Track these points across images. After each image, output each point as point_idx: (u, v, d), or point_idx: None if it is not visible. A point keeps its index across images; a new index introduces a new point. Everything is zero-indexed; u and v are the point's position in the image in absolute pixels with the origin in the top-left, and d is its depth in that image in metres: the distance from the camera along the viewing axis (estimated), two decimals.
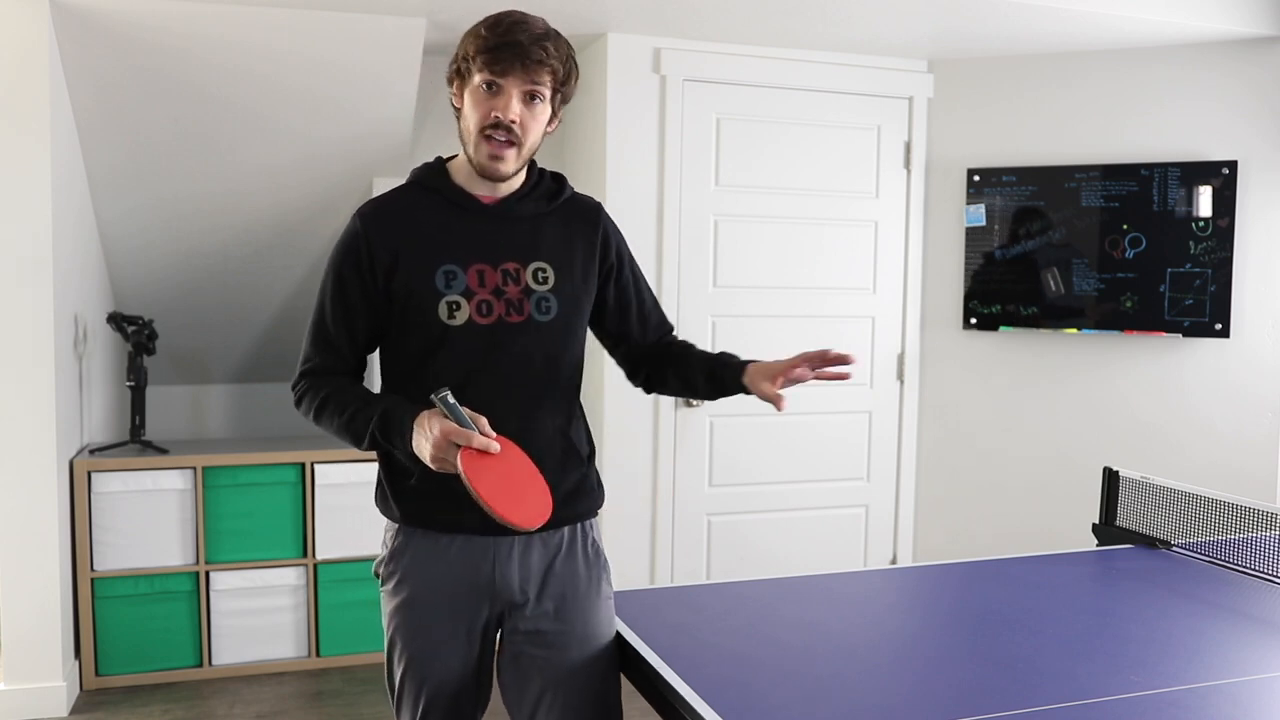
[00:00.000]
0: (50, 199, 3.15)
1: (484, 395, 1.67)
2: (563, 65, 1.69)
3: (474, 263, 1.71)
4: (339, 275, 1.73)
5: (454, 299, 1.69)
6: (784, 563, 3.92)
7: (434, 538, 1.74)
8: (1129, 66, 3.77)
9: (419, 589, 1.75)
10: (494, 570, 1.73)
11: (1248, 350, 3.65)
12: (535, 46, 1.63)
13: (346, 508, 3.67)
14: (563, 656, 1.74)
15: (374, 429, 1.65)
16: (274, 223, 3.99)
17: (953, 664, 1.66)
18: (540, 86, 1.66)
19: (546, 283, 1.74)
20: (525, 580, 1.74)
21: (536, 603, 1.75)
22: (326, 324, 1.75)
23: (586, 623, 1.77)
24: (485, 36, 1.64)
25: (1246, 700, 1.52)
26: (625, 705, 1.82)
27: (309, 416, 1.76)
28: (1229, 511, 2.28)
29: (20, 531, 3.20)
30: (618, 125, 3.66)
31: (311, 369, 1.77)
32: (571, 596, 1.77)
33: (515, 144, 1.67)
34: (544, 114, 1.70)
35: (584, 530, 1.82)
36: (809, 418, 3.98)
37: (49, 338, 3.19)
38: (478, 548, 1.73)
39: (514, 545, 1.74)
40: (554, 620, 1.75)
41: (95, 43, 3.21)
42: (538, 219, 1.77)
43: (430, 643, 1.74)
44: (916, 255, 4.05)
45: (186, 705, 3.40)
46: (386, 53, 3.42)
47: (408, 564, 1.76)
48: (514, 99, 1.65)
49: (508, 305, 1.71)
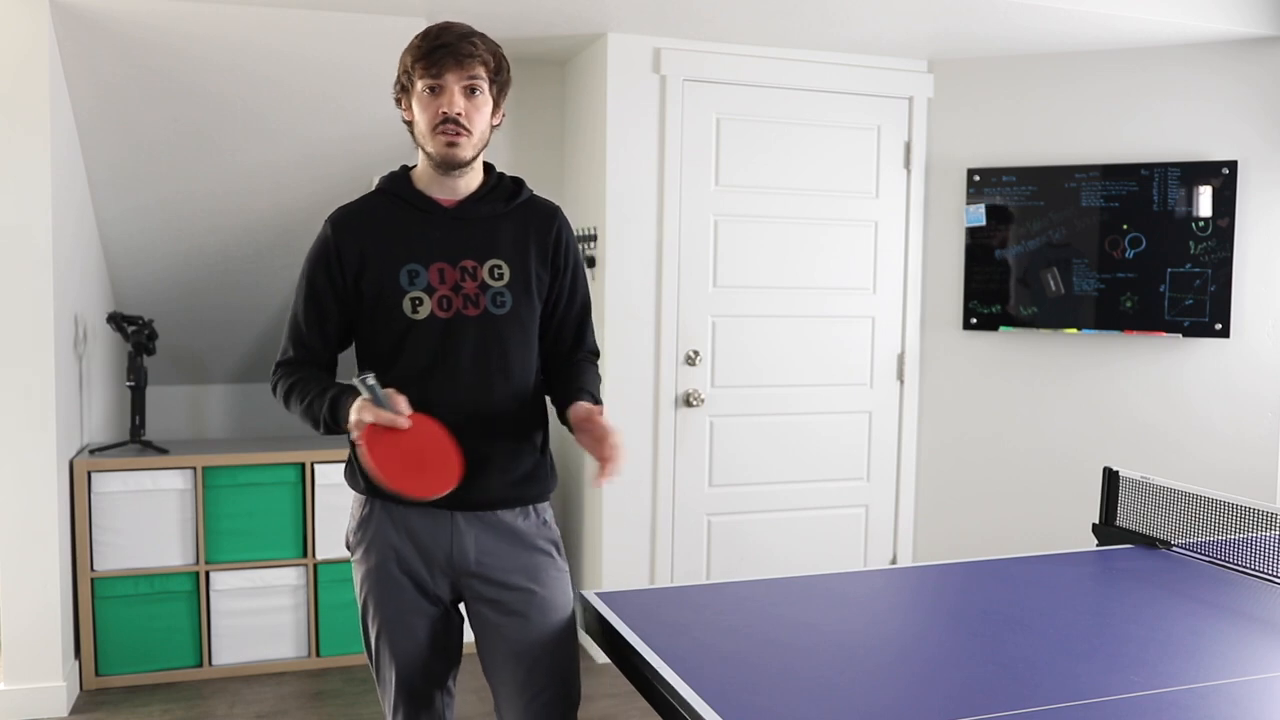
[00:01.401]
0: (50, 199, 3.15)
1: (444, 382, 1.85)
2: (493, 57, 1.84)
3: (434, 261, 1.86)
4: (311, 279, 1.91)
5: (417, 295, 1.85)
6: (784, 563, 3.92)
7: (394, 508, 1.89)
8: (1129, 66, 3.77)
9: (383, 557, 1.90)
10: (451, 541, 1.88)
11: (1248, 350, 3.65)
12: (464, 43, 1.80)
13: (346, 508, 3.64)
14: (523, 622, 1.89)
15: (324, 414, 1.83)
16: (274, 223, 3.99)
17: (953, 664, 1.66)
18: (477, 80, 1.82)
19: (502, 278, 1.88)
20: (481, 552, 1.89)
21: (494, 573, 1.89)
22: (300, 324, 1.93)
23: (544, 590, 1.91)
24: (419, 46, 1.82)
25: (1246, 700, 1.52)
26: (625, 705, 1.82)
27: (282, 403, 1.94)
28: (1229, 511, 2.28)
29: (20, 531, 3.20)
30: (618, 125, 3.66)
31: (285, 360, 1.96)
32: (527, 568, 1.91)
33: (466, 133, 1.82)
34: (485, 105, 1.85)
35: (536, 511, 1.95)
36: (809, 418, 3.98)
37: (49, 338, 3.19)
38: (436, 520, 1.88)
39: (469, 520, 1.88)
40: (510, 588, 1.89)
41: (95, 43, 3.21)
42: (494, 219, 1.91)
43: (397, 607, 1.90)
44: (916, 255, 4.05)
45: (186, 705, 3.40)
46: (386, 53, 3.39)
47: (373, 533, 1.92)
48: (455, 94, 1.80)
49: (465, 299, 1.86)
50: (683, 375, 3.80)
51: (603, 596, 1.95)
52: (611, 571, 3.76)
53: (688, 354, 3.80)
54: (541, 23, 3.52)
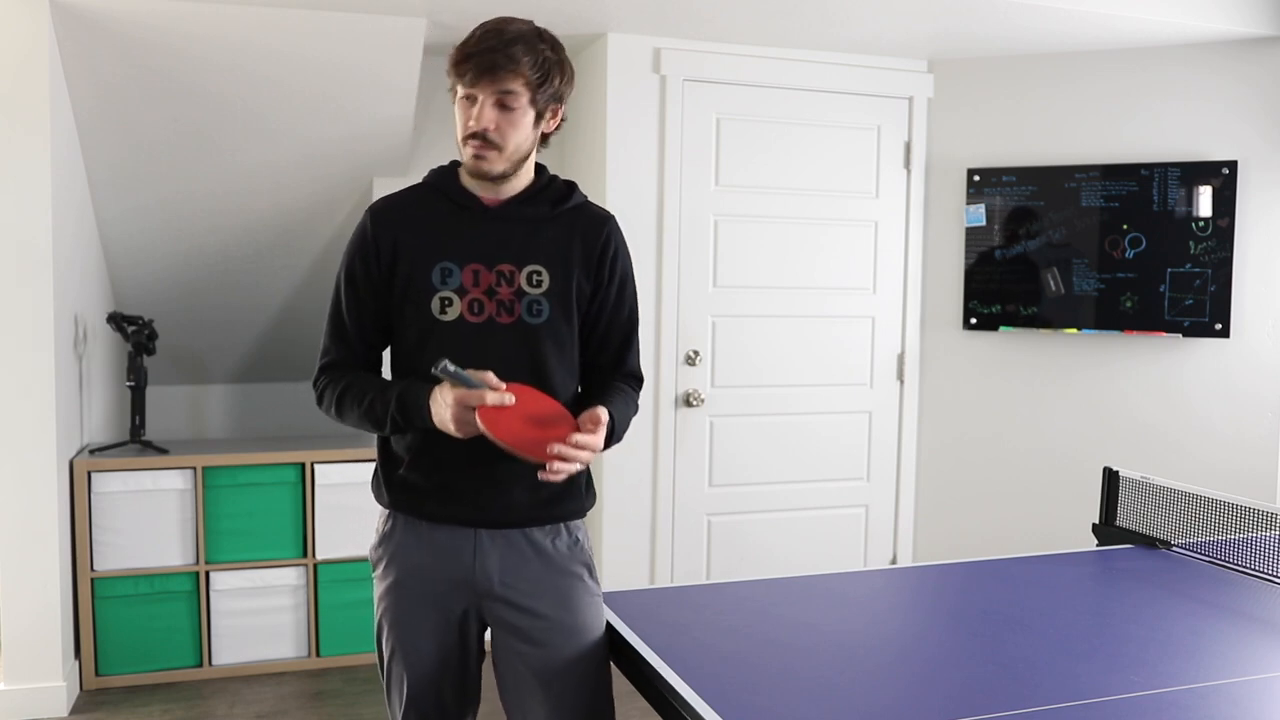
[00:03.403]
0: (50, 199, 3.15)
1: None
2: (538, 68, 1.71)
3: (470, 262, 1.76)
4: (350, 268, 1.82)
5: (447, 295, 1.75)
6: (784, 563, 3.92)
7: (419, 525, 1.80)
8: (1129, 66, 3.77)
9: (403, 574, 1.81)
10: (474, 561, 1.78)
11: (1248, 350, 3.65)
12: (501, 54, 1.68)
13: (346, 508, 3.67)
14: (549, 652, 1.77)
15: (393, 412, 1.71)
16: (274, 222, 3.99)
17: (953, 664, 1.66)
18: (511, 93, 1.70)
19: (540, 286, 1.78)
20: (506, 573, 1.78)
21: (518, 597, 1.78)
22: (342, 316, 1.83)
23: (572, 618, 1.79)
24: (458, 49, 1.71)
25: (1246, 700, 1.52)
26: (625, 705, 1.82)
27: (330, 411, 1.82)
28: (1229, 511, 2.28)
29: (20, 531, 3.20)
30: (618, 125, 3.66)
31: (329, 363, 1.84)
32: (553, 592, 1.79)
33: (494, 148, 1.72)
34: (524, 117, 1.73)
35: (568, 529, 1.84)
36: (809, 418, 3.98)
37: (49, 338, 3.19)
38: (460, 538, 1.78)
39: (494, 538, 1.78)
40: (536, 616, 1.78)
41: (95, 43, 3.21)
42: (539, 223, 1.80)
43: (413, 628, 1.81)
44: (916, 255, 4.05)
45: (186, 705, 3.40)
46: (386, 53, 3.42)
47: (394, 549, 1.82)
48: (487, 107, 1.70)
49: (499, 306, 1.76)
50: (683, 375, 3.81)
51: (603, 596, 1.94)
52: (611, 571, 3.76)
53: (688, 354, 3.80)
54: (541, 23, 3.47)
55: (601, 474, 3.69)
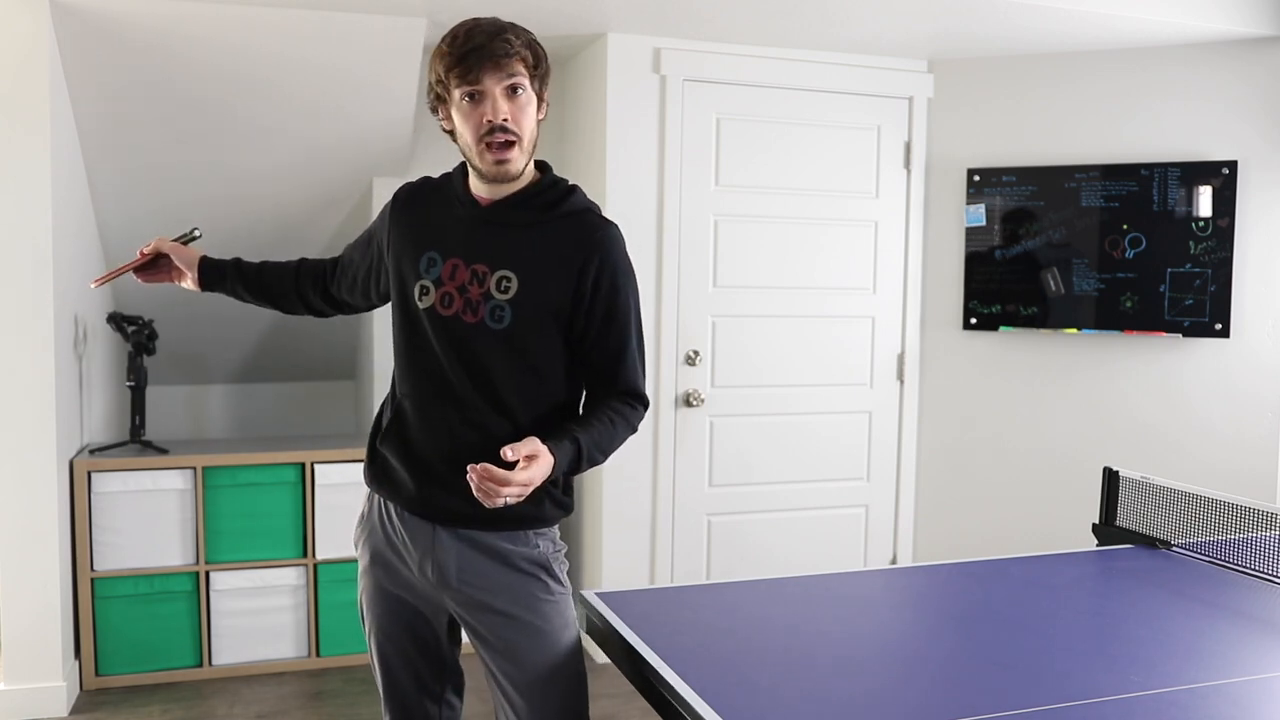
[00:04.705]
0: (50, 199, 3.15)
1: (440, 384, 1.78)
2: (530, 51, 1.71)
3: (452, 256, 1.79)
4: (370, 228, 1.98)
5: (426, 283, 1.79)
6: (784, 563, 3.92)
7: (389, 510, 1.85)
8: (1129, 66, 3.77)
9: (374, 555, 1.88)
10: (432, 553, 1.80)
11: (1248, 350, 3.65)
12: (498, 41, 1.67)
13: (346, 507, 3.67)
14: (515, 653, 1.79)
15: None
16: (275, 223, 3.99)
17: (953, 664, 1.66)
18: (517, 78, 1.69)
19: (507, 292, 1.74)
20: (462, 570, 1.79)
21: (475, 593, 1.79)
22: (349, 245, 2.04)
23: (531, 616, 1.78)
24: (449, 52, 1.68)
25: (1246, 700, 1.52)
26: (625, 705, 1.82)
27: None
28: (1229, 511, 2.28)
29: (20, 531, 3.20)
30: (618, 125, 3.66)
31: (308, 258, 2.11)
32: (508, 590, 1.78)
33: (514, 141, 1.71)
34: (530, 103, 1.73)
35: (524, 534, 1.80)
36: (809, 418, 3.98)
37: (49, 338, 3.19)
38: (421, 530, 1.81)
39: (451, 535, 1.79)
40: (495, 613, 1.79)
41: (96, 44, 3.21)
42: (523, 228, 1.77)
43: (384, 609, 1.88)
44: (916, 255, 4.05)
45: (186, 705, 3.40)
46: (386, 54, 3.42)
47: (369, 531, 1.90)
48: (498, 98, 1.68)
49: (466, 304, 1.76)
50: (683, 375, 3.80)
51: (603, 597, 1.94)
52: (611, 572, 3.76)
53: (688, 354, 3.80)
54: (541, 23, 3.52)
55: (602, 474, 3.69)
